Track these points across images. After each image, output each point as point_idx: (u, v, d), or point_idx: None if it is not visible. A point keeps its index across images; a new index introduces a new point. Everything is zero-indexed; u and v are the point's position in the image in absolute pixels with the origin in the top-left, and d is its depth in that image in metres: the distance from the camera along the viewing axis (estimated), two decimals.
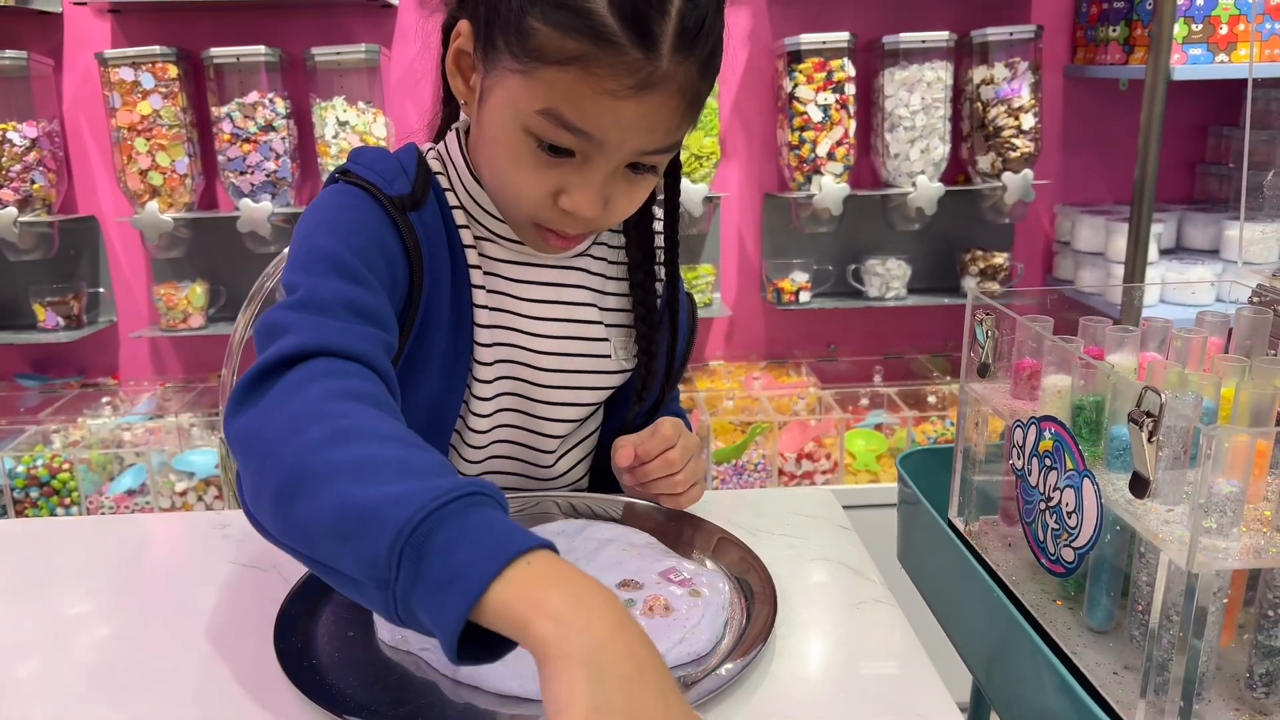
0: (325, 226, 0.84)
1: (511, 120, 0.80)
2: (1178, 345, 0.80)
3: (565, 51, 0.74)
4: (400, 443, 0.65)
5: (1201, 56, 1.99)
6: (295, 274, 0.79)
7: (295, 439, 0.64)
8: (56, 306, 2.24)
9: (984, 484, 0.92)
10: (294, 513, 0.62)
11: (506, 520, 0.60)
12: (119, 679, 0.73)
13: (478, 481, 0.61)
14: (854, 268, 2.36)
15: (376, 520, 0.58)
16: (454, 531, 0.57)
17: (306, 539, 0.62)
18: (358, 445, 0.63)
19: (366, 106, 2.15)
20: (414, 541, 0.57)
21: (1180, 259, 2.23)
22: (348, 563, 0.59)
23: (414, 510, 0.57)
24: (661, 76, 0.75)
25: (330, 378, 0.69)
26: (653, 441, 0.91)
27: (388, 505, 0.58)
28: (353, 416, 0.66)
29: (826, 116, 2.15)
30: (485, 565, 0.55)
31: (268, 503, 0.64)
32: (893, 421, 2.19)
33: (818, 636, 0.78)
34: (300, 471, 0.62)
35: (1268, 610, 0.65)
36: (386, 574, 0.57)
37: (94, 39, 2.20)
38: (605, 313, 1.00)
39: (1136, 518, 0.66)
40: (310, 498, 0.61)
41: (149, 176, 2.12)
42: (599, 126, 0.77)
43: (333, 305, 0.76)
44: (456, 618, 0.55)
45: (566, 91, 0.76)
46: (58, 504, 2.05)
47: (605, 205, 0.84)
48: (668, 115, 0.79)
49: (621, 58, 0.74)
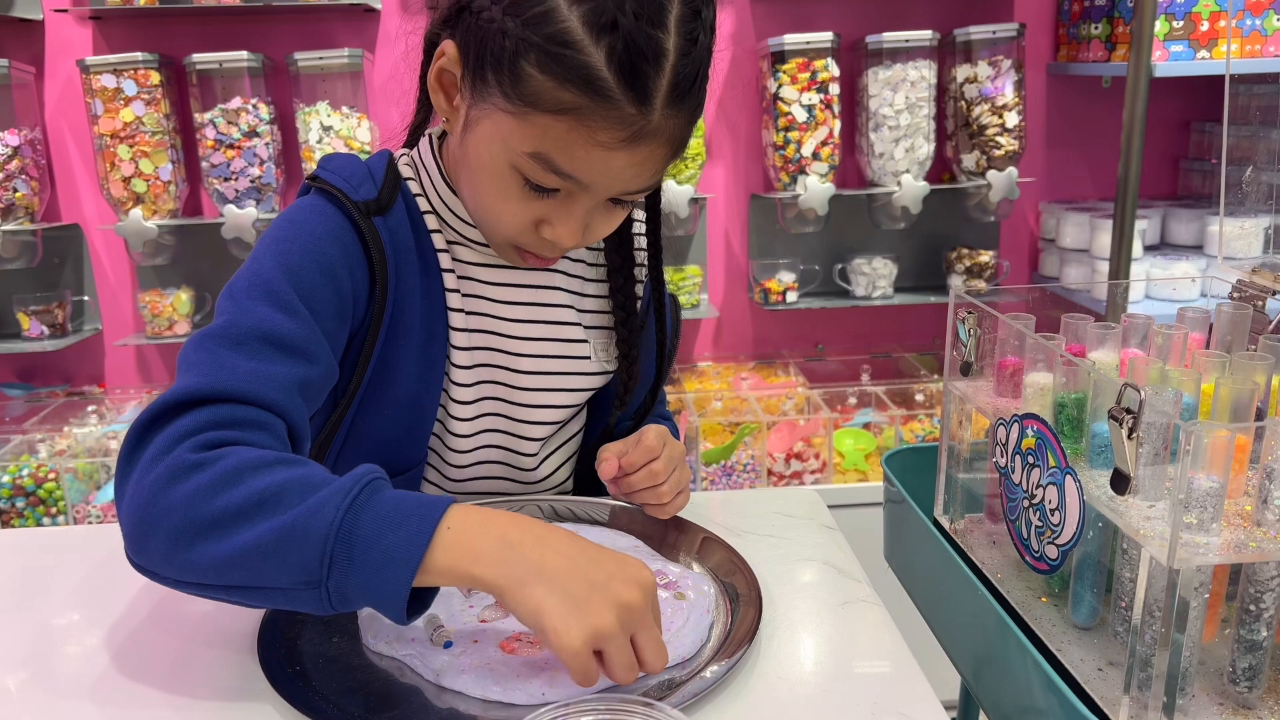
0: (272, 247, 0.84)
1: (499, 155, 0.80)
2: (1159, 341, 0.80)
3: (560, 102, 0.74)
4: (285, 463, 0.69)
5: (1183, 53, 2.00)
6: (226, 298, 0.81)
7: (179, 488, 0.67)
8: (41, 315, 2.23)
9: (969, 482, 0.92)
10: (197, 554, 0.66)
11: (406, 493, 0.68)
12: (106, 688, 0.72)
13: (363, 466, 0.68)
14: (840, 267, 2.36)
15: (297, 535, 0.65)
16: (372, 520, 0.65)
17: (213, 572, 0.66)
18: (250, 480, 0.67)
19: (350, 111, 2.14)
20: (340, 539, 0.64)
21: (1165, 255, 2.24)
22: (273, 578, 0.65)
23: (331, 513, 0.65)
24: (653, 129, 0.76)
25: (217, 424, 0.71)
26: (636, 452, 0.91)
27: (302, 519, 0.65)
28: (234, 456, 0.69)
29: (811, 117, 2.16)
30: (416, 540, 0.65)
31: (159, 546, 0.67)
32: (881, 420, 2.19)
33: (804, 637, 0.77)
34: (194, 517, 0.66)
35: (1249, 605, 0.65)
36: (318, 574, 0.64)
37: (75, 46, 2.19)
38: (584, 314, 1.00)
39: (1118, 514, 0.66)
40: (218, 538, 0.66)
41: (132, 184, 2.11)
42: (587, 174, 0.78)
43: (248, 338, 0.77)
44: (402, 592, 0.64)
45: (558, 140, 0.76)
46: (44, 514, 2.04)
47: (584, 230, 0.85)
48: (655, 162, 0.80)
49: (616, 112, 0.74)
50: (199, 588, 0.68)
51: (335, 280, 0.85)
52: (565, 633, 0.62)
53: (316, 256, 0.84)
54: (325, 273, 0.84)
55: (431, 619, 0.74)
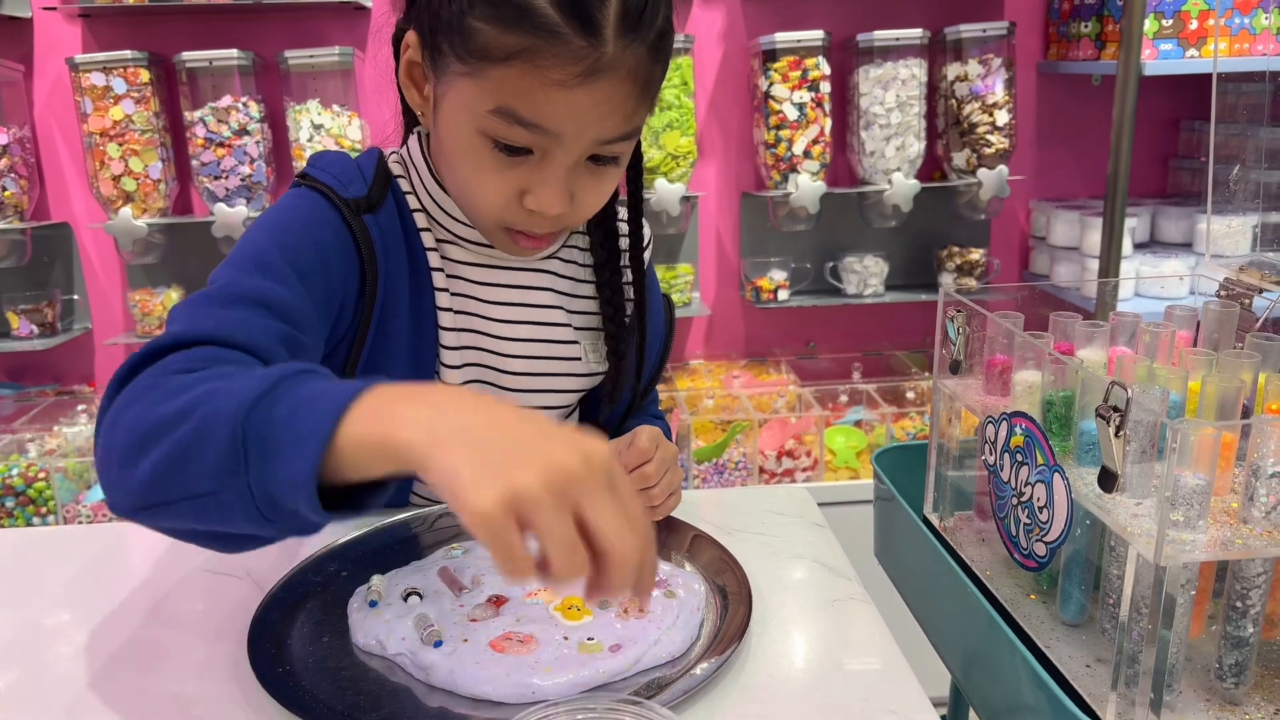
0: (266, 228, 0.84)
1: (466, 124, 0.80)
2: (1147, 339, 0.81)
3: (509, 47, 0.74)
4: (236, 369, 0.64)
5: (1172, 51, 2.01)
6: (220, 269, 0.80)
7: (131, 409, 0.63)
8: (30, 314, 2.22)
9: (958, 480, 0.93)
10: (137, 467, 0.60)
11: (344, 383, 0.59)
12: (96, 687, 0.72)
13: (308, 364, 0.62)
14: (832, 265, 2.37)
15: (212, 423, 0.57)
16: (291, 401, 0.57)
17: (154, 484, 0.60)
18: (193, 390, 0.61)
19: (341, 109, 2.14)
20: (253, 421, 0.56)
21: (1154, 252, 2.25)
22: (196, 479, 0.58)
23: (245, 395, 0.57)
24: (609, 62, 0.75)
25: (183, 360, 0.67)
26: (629, 455, 0.91)
27: (221, 406, 0.58)
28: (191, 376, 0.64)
29: (802, 115, 2.16)
30: (329, 411, 0.55)
31: (114, 477, 0.62)
32: (872, 418, 2.20)
33: (794, 635, 0.78)
34: (136, 431, 0.61)
35: (1235, 601, 0.65)
36: (235, 465, 0.56)
37: (65, 44, 2.18)
38: (574, 315, 1.00)
39: (1105, 512, 0.66)
40: (151, 447, 0.60)
41: (122, 182, 2.10)
42: (552, 119, 0.77)
43: (239, 300, 0.75)
44: (308, 468, 0.54)
45: (515, 87, 0.76)
46: (34, 513, 2.03)
47: (572, 201, 0.83)
48: (620, 100, 0.78)
49: (566, 47, 0.74)
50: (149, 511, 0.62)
51: (327, 266, 0.84)
52: (474, 490, 0.51)
53: (312, 240, 0.84)
54: (319, 256, 0.84)
55: (422, 618, 0.74)
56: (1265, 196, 1.08)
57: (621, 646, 0.71)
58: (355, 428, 0.55)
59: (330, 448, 0.54)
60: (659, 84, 0.82)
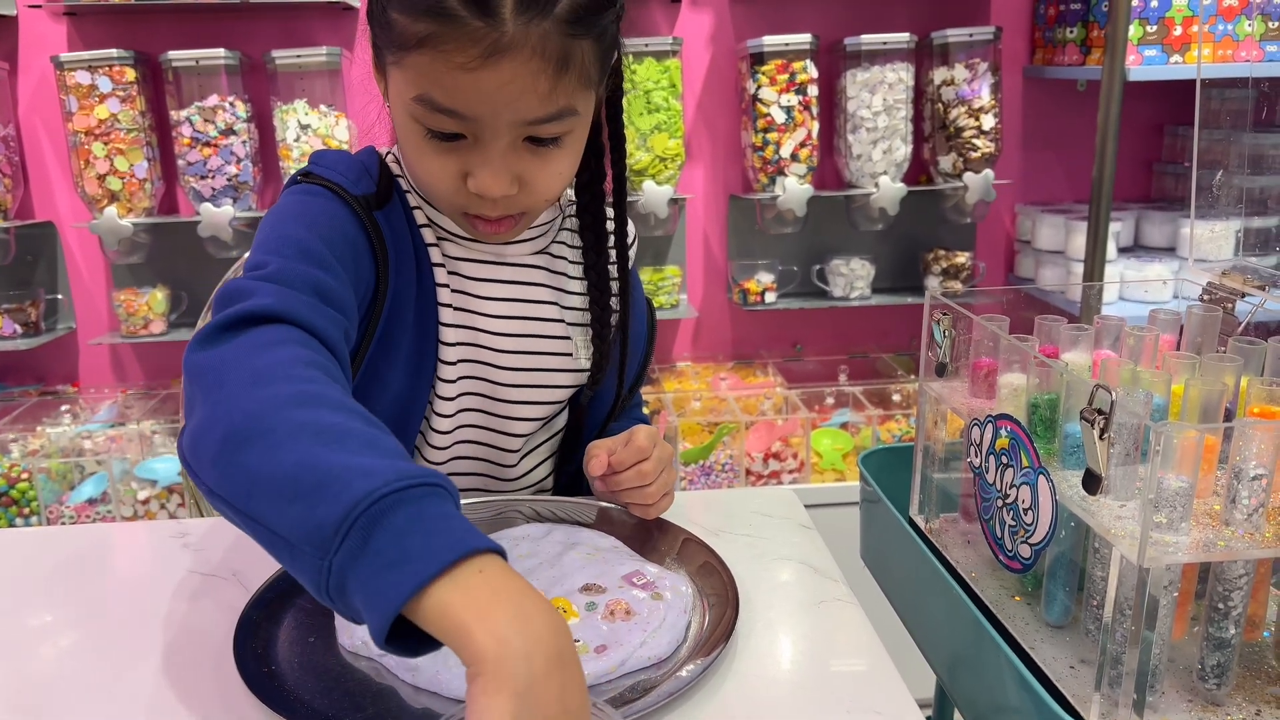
0: (293, 219, 0.84)
1: (401, 111, 0.82)
2: (1130, 343, 0.81)
3: (418, 34, 0.76)
4: (365, 420, 0.63)
5: (1156, 57, 2.02)
6: (263, 255, 0.79)
7: (259, 390, 0.63)
8: (14, 314, 2.20)
9: (944, 482, 0.93)
10: (241, 460, 0.60)
11: (465, 520, 0.58)
12: (80, 689, 0.72)
13: (440, 474, 0.60)
14: (818, 268, 2.37)
15: (335, 485, 0.56)
16: (413, 515, 0.55)
17: (245, 490, 0.59)
18: (325, 412, 0.62)
19: (328, 109, 2.13)
20: (371, 515, 0.55)
21: (1138, 257, 2.26)
22: (288, 524, 0.57)
23: (378, 484, 0.56)
24: (509, 42, 0.75)
25: (297, 344, 0.69)
26: (626, 452, 0.91)
27: (349, 474, 0.56)
28: (318, 384, 0.65)
29: (790, 118, 2.16)
30: (440, 554, 0.54)
31: (213, 443, 0.62)
32: (858, 420, 2.20)
33: (780, 636, 0.78)
34: (260, 422, 0.60)
35: (1218, 603, 0.66)
36: (331, 541, 0.55)
37: (50, 42, 2.17)
38: (567, 311, 1.00)
39: (1090, 514, 0.67)
40: (266, 450, 0.59)
41: (107, 181, 2.09)
42: (464, 103, 0.78)
43: (300, 284, 0.76)
44: (397, 600, 0.53)
45: (427, 74, 0.77)
46: (16, 514, 2.01)
47: (519, 184, 0.83)
48: (530, 80, 0.77)
49: (463, 29, 0.75)
50: (227, 505, 0.61)
51: (357, 259, 0.86)
52: None
53: (342, 231, 0.85)
54: (350, 248, 0.85)
55: None
56: (1248, 201, 1.08)
57: (607, 648, 0.71)
58: (448, 595, 0.53)
59: (418, 596, 0.53)
60: (592, 60, 0.80)
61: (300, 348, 0.68)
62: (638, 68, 2.12)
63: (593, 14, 0.78)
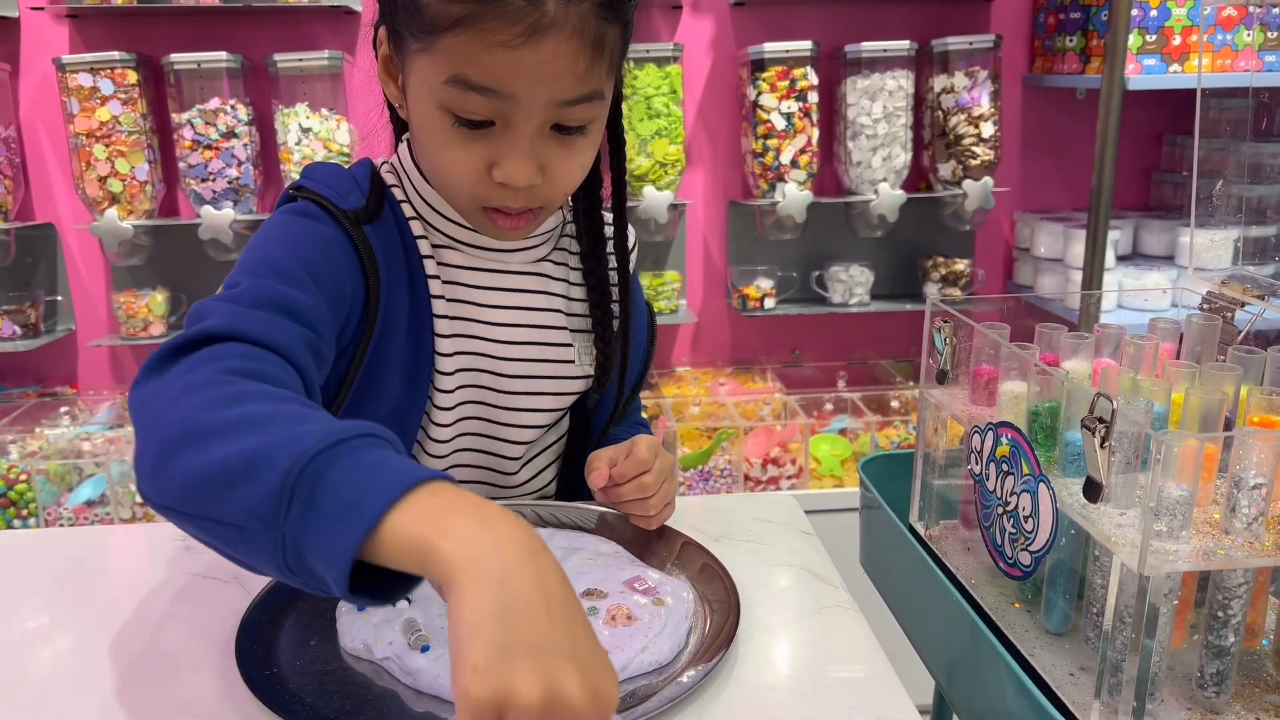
0: (274, 241, 0.85)
1: (428, 100, 0.81)
2: (1131, 351, 0.81)
3: (453, 15, 0.76)
4: (300, 404, 0.64)
5: (1155, 66, 2.03)
6: (238, 275, 0.80)
7: (187, 400, 0.63)
8: (13, 315, 2.20)
9: (944, 489, 0.93)
10: (175, 467, 0.60)
11: (408, 459, 0.58)
12: (79, 692, 0.72)
13: (377, 425, 0.60)
14: (818, 274, 2.38)
15: (266, 460, 0.56)
16: (350, 466, 0.55)
17: (185, 492, 0.59)
18: (252, 405, 0.62)
19: (329, 113, 2.14)
20: (307, 475, 0.55)
21: (1137, 265, 2.27)
22: (232, 510, 0.57)
23: (308, 445, 0.56)
24: (551, 21, 0.76)
25: (237, 358, 0.69)
26: (627, 464, 0.91)
27: (279, 446, 0.57)
28: (250, 385, 0.65)
29: (790, 124, 2.17)
30: (383, 493, 0.54)
31: (149, 460, 0.62)
32: (857, 426, 2.21)
33: (780, 642, 0.78)
34: (187, 426, 0.61)
35: (1217, 611, 0.66)
36: (276, 511, 0.55)
37: (52, 44, 2.17)
38: (569, 318, 1.00)
39: (1090, 522, 0.67)
40: (196, 451, 0.59)
41: (108, 183, 2.09)
42: (502, 80, 0.78)
43: (263, 302, 0.76)
44: (351, 543, 0.53)
45: (464, 54, 0.77)
46: (15, 516, 2.01)
47: (542, 173, 0.83)
48: (570, 59, 0.78)
49: (506, 8, 0.75)
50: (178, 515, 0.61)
51: (339, 277, 0.85)
52: (476, 677, 0.49)
53: (324, 250, 0.85)
54: (331, 267, 0.85)
55: (410, 623, 0.74)
56: (1247, 210, 1.09)
57: (609, 654, 0.71)
58: (403, 521, 0.53)
59: (373, 533, 0.53)
60: (618, 48, 0.82)
61: (239, 359, 0.69)
62: (639, 73, 2.13)
63: (622, 2, 0.80)
